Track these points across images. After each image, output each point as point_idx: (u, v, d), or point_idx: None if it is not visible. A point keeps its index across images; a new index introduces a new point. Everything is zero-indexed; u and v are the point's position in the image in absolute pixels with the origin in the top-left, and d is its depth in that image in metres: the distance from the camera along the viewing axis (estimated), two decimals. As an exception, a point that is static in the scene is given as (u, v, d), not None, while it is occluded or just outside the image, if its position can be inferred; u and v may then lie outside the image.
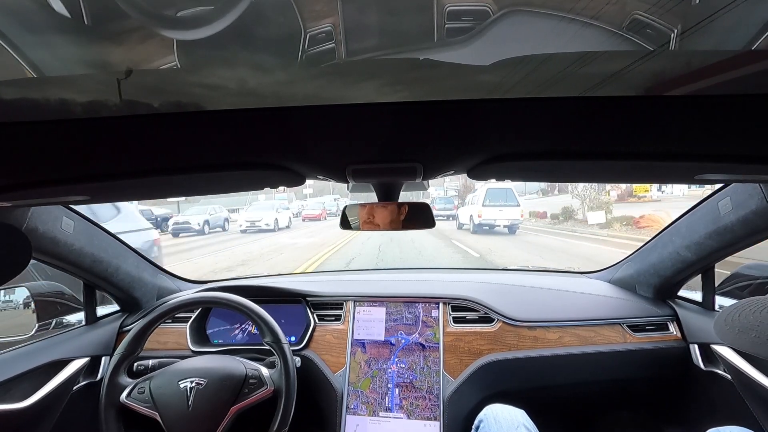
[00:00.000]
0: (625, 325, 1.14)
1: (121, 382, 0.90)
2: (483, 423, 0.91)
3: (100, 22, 0.26)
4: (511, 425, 0.86)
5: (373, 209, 0.64)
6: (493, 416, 0.90)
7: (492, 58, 0.26)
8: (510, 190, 10.18)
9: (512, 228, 10.23)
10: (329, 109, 0.30)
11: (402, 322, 1.18)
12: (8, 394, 0.90)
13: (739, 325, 0.48)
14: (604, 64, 0.26)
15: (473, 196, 11.13)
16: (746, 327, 0.47)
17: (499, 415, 0.89)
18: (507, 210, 10.05)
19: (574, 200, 12.67)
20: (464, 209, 11.77)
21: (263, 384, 0.90)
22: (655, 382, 1.17)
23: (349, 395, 1.10)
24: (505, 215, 10.01)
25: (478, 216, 10.08)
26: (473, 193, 11.52)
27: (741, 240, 0.89)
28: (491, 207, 10.04)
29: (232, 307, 0.96)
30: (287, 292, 1.25)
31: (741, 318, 0.49)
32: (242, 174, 0.42)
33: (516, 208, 10.21)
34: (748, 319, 0.48)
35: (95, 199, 0.57)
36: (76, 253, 0.99)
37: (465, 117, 0.32)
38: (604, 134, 0.34)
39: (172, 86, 0.28)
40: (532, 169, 0.45)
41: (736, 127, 0.31)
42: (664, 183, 0.89)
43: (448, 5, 0.25)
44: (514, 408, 0.92)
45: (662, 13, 0.24)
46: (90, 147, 0.34)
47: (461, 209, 12.26)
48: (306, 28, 0.25)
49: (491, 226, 10.15)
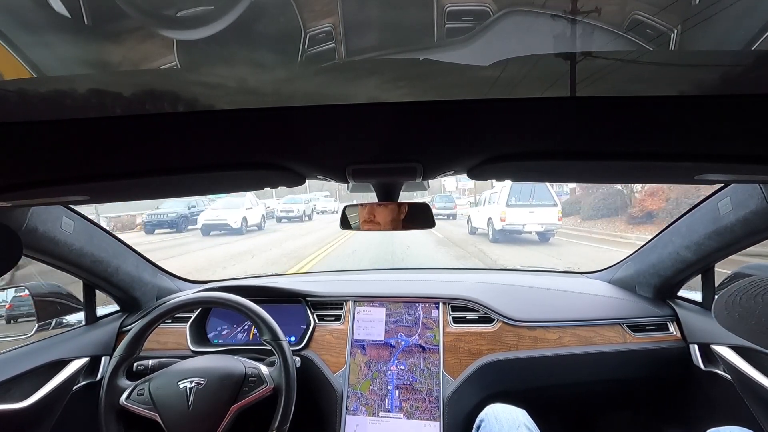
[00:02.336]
0: (625, 325, 1.14)
1: (121, 384, 0.90)
2: (484, 422, 0.90)
3: (100, 21, 0.26)
4: (512, 425, 0.86)
5: (373, 209, 0.65)
6: (494, 416, 0.90)
7: (492, 58, 0.26)
8: (544, 186, 7.72)
9: (545, 235, 7.85)
10: (329, 109, 0.30)
11: (402, 323, 1.18)
12: (8, 394, 0.90)
13: (740, 310, 0.45)
14: (605, 64, 0.26)
15: (492, 194, 8.57)
16: (747, 312, 0.45)
17: (500, 415, 0.89)
18: (540, 211, 7.59)
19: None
20: (478, 210, 9.37)
21: (263, 382, 0.90)
22: (654, 382, 1.17)
23: (349, 397, 1.10)
24: (537, 218, 7.55)
25: (500, 219, 7.66)
26: (491, 191, 8.84)
27: (741, 240, 0.89)
28: (518, 207, 7.66)
29: (231, 307, 0.96)
30: (287, 292, 1.25)
31: (742, 302, 0.46)
32: (242, 174, 0.42)
33: (552, 209, 7.67)
34: (749, 303, 0.45)
35: (95, 199, 0.57)
36: (76, 253, 0.99)
37: (465, 117, 0.32)
38: (604, 134, 0.34)
39: (171, 86, 0.28)
40: (532, 169, 0.44)
41: (736, 127, 0.31)
42: (664, 183, 0.90)
43: (448, 5, 0.25)
44: (515, 408, 0.92)
45: (662, 13, 0.24)
46: (90, 147, 0.34)
47: (473, 210, 9.96)
48: (306, 28, 0.25)
49: (519, 231, 7.74)
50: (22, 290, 1.13)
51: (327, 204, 19.76)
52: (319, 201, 20.04)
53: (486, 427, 0.89)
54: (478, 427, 0.91)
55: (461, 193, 22.77)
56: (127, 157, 0.37)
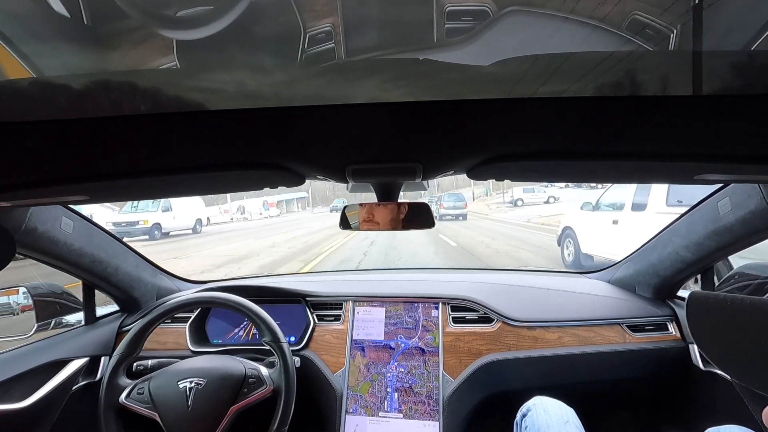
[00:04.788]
0: (624, 325, 1.14)
1: (120, 383, 0.90)
2: (531, 412, 0.89)
3: (100, 22, 0.26)
4: (560, 419, 0.84)
5: (373, 209, 0.65)
6: (543, 407, 0.88)
7: (492, 59, 0.26)
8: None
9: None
10: (329, 109, 0.30)
11: (401, 325, 1.18)
12: (8, 394, 0.90)
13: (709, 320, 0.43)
14: (604, 64, 0.26)
15: (624, 194, 4.40)
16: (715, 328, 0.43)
17: (549, 407, 0.88)
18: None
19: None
20: (587, 219, 4.95)
21: (262, 383, 0.90)
22: (654, 382, 1.17)
23: (348, 399, 1.10)
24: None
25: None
26: (619, 188, 4.54)
27: (740, 240, 0.89)
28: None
29: (232, 307, 0.96)
30: (287, 292, 1.25)
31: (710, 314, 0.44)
32: (242, 174, 0.42)
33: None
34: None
35: (94, 199, 0.57)
36: (76, 253, 0.99)
37: (465, 117, 0.32)
38: (604, 134, 0.34)
39: (171, 86, 0.28)
40: (532, 169, 0.45)
41: (736, 127, 0.31)
42: (664, 183, 0.89)
43: (448, 5, 0.25)
44: (564, 404, 0.90)
45: (662, 13, 0.24)
46: (89, 147, 0.34)
47: (579, 217, 5.13)
48: (306, 28, 0.25)
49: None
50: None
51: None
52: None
53: (532, 416, 0.88)
54: (525, 415, 0.90)
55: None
56: (127, 157, 0.37)
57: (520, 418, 0.92)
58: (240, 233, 12.38)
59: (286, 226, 14.49)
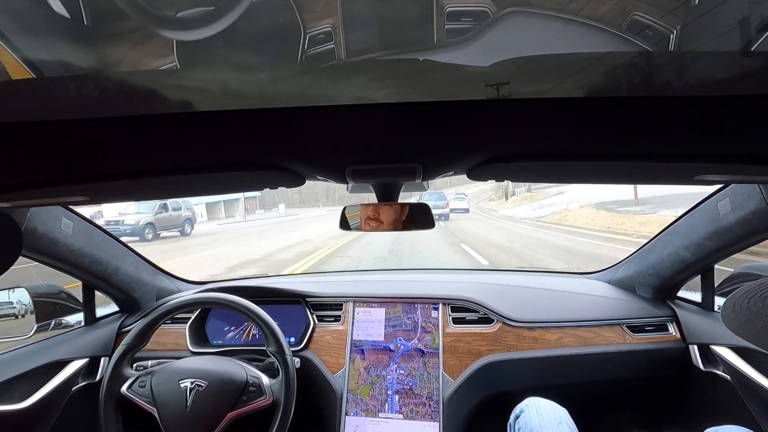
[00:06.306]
0: (624, 325, 1.14)
1: (124, 373, 0.91)
2: (524, 413, 0.89)
3: (101, 22, 0.26)
4: (553, 420, 0.84)
5: (373, 209, 0.65)
6: (536, 408, 0.88)
7: (492, 59, 0.26)
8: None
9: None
10: (329, 110, 0.30)
11: (401, 327, 1.18)
12: (7, 394, 0.90)
13: (747, 313, 0.45)
14: (604, 64, 0.26)
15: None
16: (754, 315, 0.44)
17: (542, 408, 0.88)
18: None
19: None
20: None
21: (262, 393, 0.89)
22: (654, 382, 1.17)
23: (349, 402, 1.10)
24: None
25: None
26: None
27: (740, 241, 0.89)
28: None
29: (239, 310, 0.96)
30: (287, 292, 1.25)
31: (749, 305, 0.45)
32: (242, 174, 0.42)
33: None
34: (756, 307, 0.45)
35: (94, 200, 0.57)
36: (76, 253, 0.99)
37: (465, 118, 0.32)
38: (603, 135, 0.34)
39: (171, 87, 0.28)
40: (531, 169, 0.45)
41: (736, 128, 0.31)
42: (664, 184, 0.90)
43: (448, 6, 0.25)
44: (557, 404, 0.90)
45: (662, 13, 0.24)
46: (89, 147, 0.34)
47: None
48: (305, 29, 0.25)
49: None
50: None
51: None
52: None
53: (525, 418, 0.88)
54: (518, 417, 0.90)
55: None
56: (127, 158, 0.37)
57: (513, 419, 0.92)
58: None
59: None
